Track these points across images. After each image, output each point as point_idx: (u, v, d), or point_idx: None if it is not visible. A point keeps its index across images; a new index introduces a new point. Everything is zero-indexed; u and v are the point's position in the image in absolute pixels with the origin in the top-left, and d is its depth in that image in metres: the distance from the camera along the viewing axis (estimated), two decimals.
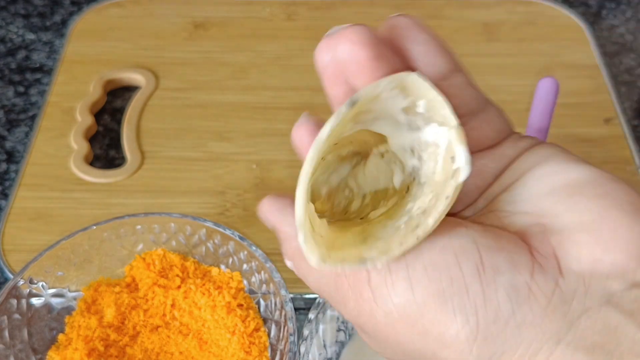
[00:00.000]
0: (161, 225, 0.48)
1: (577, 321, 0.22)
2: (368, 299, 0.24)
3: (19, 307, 0.45)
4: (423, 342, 0.24)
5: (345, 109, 0.23)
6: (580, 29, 0.72)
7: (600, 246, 0.23)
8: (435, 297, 0.23)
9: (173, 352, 0.45)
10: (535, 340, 0.22)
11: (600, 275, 0.23)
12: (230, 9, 0.74)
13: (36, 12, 0.75)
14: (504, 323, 0.22)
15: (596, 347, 0.22)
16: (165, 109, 0.64)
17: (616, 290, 0.23)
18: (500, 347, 0.23)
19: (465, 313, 0.22)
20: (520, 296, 0.22)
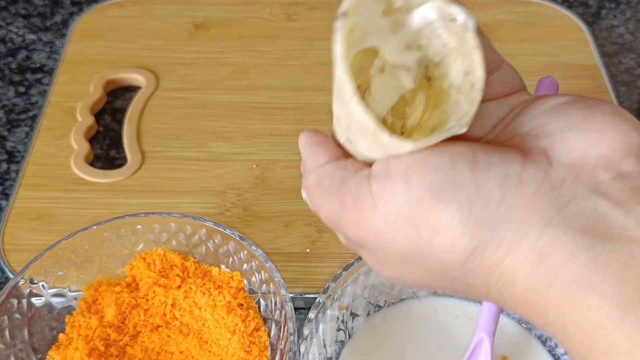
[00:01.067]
0: (161, 225, 0.48)
1: (566, 206, 0.24)
2: (369, 207, 0.26)
3: (20, 307, 0.45)
4: (418, 236, 0.25)
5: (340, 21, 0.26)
6: (580, 29, 0.72)
7: (587, 140, 0.25)
8: (430, 191, 0.25)
9: (173, 352, 0.45)
10: (526, 223, 0.24)
11: (588, 166, 0.25)
12: (230, 9, 0.74)
13: (37, 12, 0.75)
14: (495, 207, 0.24)
15: (586, 230, 0.23)
16: (165, 109, 0.64)
17: (604, 179, 0.24)
18: (491, 230, 0.24)
19: (458, 200, 0.24)
20: (511, 183, 0.24)
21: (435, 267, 0.26)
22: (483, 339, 0.44)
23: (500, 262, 0.24)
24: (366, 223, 0.26)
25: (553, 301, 0.23)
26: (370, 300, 0.48)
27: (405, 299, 0.49)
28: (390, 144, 0.25)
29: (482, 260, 0.24)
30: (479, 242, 0.24)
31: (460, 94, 0.27)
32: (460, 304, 0.49)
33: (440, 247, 0.25)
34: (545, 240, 0.23)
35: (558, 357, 0.46)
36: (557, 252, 0.23)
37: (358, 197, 0.27)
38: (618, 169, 0.24)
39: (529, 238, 0.23)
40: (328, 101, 0.29)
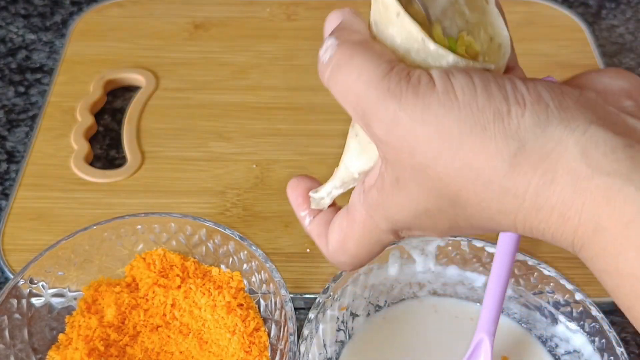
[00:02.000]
0: (161, 225, 0.48)
1: (603, 116, 0.26)
2: (427, 84, 0.26)
3: (20, 307, 0.45)
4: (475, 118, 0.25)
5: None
6: (580, 29, 0.72)
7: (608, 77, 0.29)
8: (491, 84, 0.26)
9: (173, 352, 0.45)
10: (572, 119, 0.25)
11: (613, 94, 0.28)
12: (230, 9, 0.74)
13: (36, 12, 0.75)
14: (545, 105, 0.26)
15: (624, 133, 0.25)
16: (165, 109, 0.64)
17: (628, 105, 0.27)
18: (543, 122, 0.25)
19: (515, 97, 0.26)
20: (556, 91, 0.26)
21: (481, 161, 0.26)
22: (483, 339, 0.44)
23: (547, 156, 0.25)
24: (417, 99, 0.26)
25: (591, 196, 0.24)
26: (370, 300, 0.48)
27: (405, 299, 0.49)
28: (436, 51, 0.26)
29: (530, 154, 0.25)
30: (531, 133, 0.25)
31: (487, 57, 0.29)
32: (461, 304, 0.49)
33: (495, 135, 0.25)
34: (589, 136, 0.25)
35: (558, 357, 0.46)
36: (599, 146, 0.25)
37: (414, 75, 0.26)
38: (638, 100, 0.28)
39: (575, 133, 0.25)
40: (328, 101, 0.29)
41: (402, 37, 0.27)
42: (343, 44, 0.27)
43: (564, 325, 0.46)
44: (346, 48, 0.27)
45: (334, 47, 0.28)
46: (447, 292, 0.50)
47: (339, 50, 0.27)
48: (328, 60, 0.28)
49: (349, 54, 0.27)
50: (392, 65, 0.26)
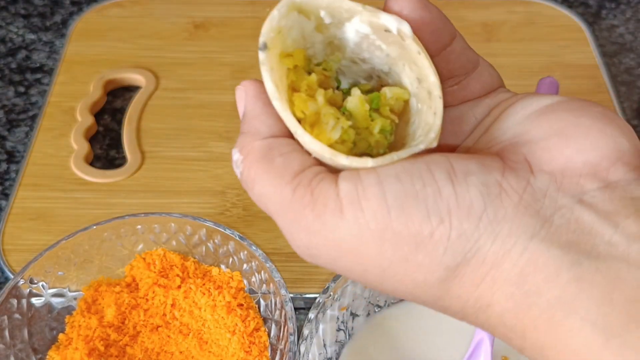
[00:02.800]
0: (161, 225, 0.48)
1: (550, 218, 0.22)
2: (333, 211, 0.23)
3: (19, 307, 0.45)
4: (394, 251, 0.22)
5: (262, 55, 0.25)
6: (580, 29, 0.72)
7: (571, 147, 0.23)
8: (408, 199, 0.22)
9: (173, 352, 0.45)
10: (509, 236, 0.22)
11: (573, 174, 0.23)
12: (230, 9, 0.74)
13: (36, 12, 0.75)
14: (477, 219, 0.22)
15: (571, 245, 0.21)
16: (165, 109, 0.64)
17: (589, 189, 0.22)
18: (474, 244, 0.22)
19: (439, 213, 0.22)
20: (492, 193, 0.22)
21: (409, 287, 0.23)
22: (483, 339, 0.44)
23: (481, 281, 0.22)
24: (326, 230, 0.23)
25: (532, 324, 0.22)
26: (370, 300, 0.48)
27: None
28: (350, 164, 0.24)
29: (462, 279, 0.22)
30: (461, 258, 0.22)
31: (420, 103, 0.26)
32: None
33: (420, 265, 0.22)
34: (529, 257, 0.22)
35: None
36: (540, 269, 0.21)
37: (320, 196, 0.23)
38: (605, 178, 0.23)
39: (511, 254, 0.22)
40: None
41: (310, 149, 0.24)
42: (246, 161, 0.25)
43: None
44: (250, 168, 0.25)
45: (239, 164, 0.26)
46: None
47: (244, 171, 0.26)
48: (239, 175, 0.26)
49: (253, 176, 0.25)
50: (293, 185, 0.24)
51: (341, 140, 0.25)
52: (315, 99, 0.25)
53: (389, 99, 0.26)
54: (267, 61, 0.25)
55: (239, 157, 0.26)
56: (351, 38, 0.26)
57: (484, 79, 0.28)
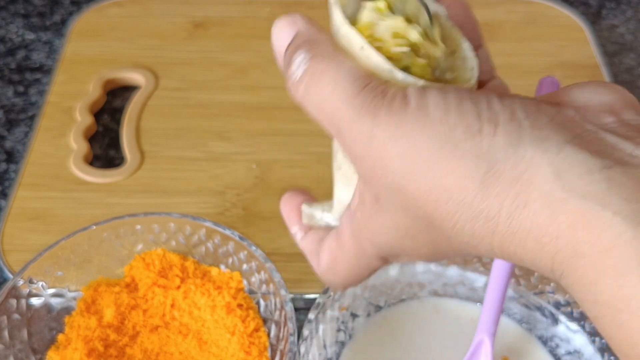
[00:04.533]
0: (161, 225, 0.48)
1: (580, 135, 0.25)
2: (400, 99, 0.25)
3: (19, 307, 0.45)
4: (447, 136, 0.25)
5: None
6: (581, 29, 0.72)
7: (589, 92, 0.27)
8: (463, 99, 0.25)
9: (173, 352, 0.45)
10: (546, 139, 0.24)
11: (594, 110, 0.26)
12: (230, 8, 0.74)
13: (36, 11, 0.75)
14: (519, 124, 0.25)
15: (601, 153, 0.24)
16: (165, 109, 0.64)
17: (608, 121, 0.26)
18: (515, 142, 0.24)
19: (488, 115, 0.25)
20: (531, 108, 0.25)
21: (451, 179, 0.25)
22: (483, 340, 0.44)
23: (520, 177, 0.24)
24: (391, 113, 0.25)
25: (567, 220, 0.23)
26: (370, 300, 0.48)
27: (405, 299, 0.49)
28: (404, 80, 0.26)
29: (502, 175, 0.24)
30: (502, 154, 0.24)
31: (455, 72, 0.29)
32: (461, 305, 0.49)
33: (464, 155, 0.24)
34: (564, 157, 0.24)
35: (559, 357, 0.46)
36: (574, 167, 0.24)
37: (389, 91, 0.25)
38: (620, 116, 0.26)
39: (548, 154, 0.24)
40: None
41: (369, 67, 0.26)
42: (315, 58, 0.27)
43: (565, 325, 0.46)
44: (319, 62, 0.26)
45: (307, 61, 0.27)
46: (447, 292, 0.49)
47: (312, 64, 0.27)
48: (301, 76, 0.27)
49: (322, 68, 0.26)
50: (367, 81, 0.26)
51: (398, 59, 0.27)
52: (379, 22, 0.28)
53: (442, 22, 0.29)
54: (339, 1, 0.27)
55: (306, 55, 0.27)
56: None
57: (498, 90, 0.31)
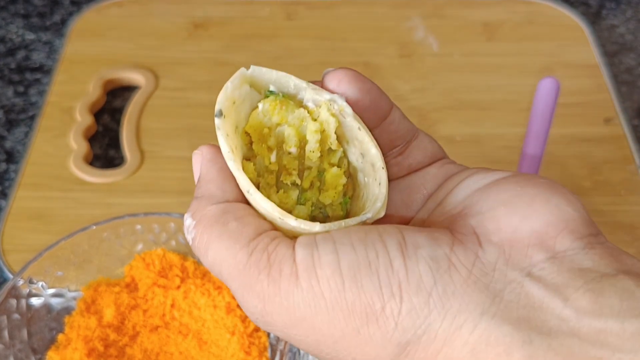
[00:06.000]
0: (161, 225, 0.48)
1: (500, 293, 0.22)
2: (288, 276, 0.23)
3: (19, 307, 0.45)
4: (346, 322, 0.22)
5: (218, 120, 0.25)
6: (580, 29, 0.72)
7: (517, 216, 0.23)
8: (362, 269, 0.22)
9: (173, 352, 0.45)
10: (459, 312, 0.22)
11: (521, 245, 0.23)
12: (230, 8, 0.74)
13: (36, 12, 0.75)
14: (427, 294, 0.22)
15: (522, 321, 0.21)
16: (165, 109, 0.64)
17: (537, 260, 0.22)
18: (424, 320, 0.22)
19: (390, 286, 0.22)
20: (441, 267, 0.22)
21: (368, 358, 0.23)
22: None
23: (435, 357, 0.22)
24: (281, 296, 0.23)
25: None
26: None
27: None
28: (298, 226, 0.24)
29: (414, 357, 0.22)
30: (411, 335, 0.22)
31: (366, 177, 0.27)
32: None
33: (371, 338, 0.22)
34: (479, 334, 0.21)
35: None
36: (492, 347, 0.21)
37: (276, 261, 0.23)
38: (552, 248, 0.23)
39: (462, 331, 0.21)
40: None
41: (262, 209, 0.25)
42: (199, 226, 0.25)
43: None
44: (203, 232, 0.25)
45: (191, 230, 0.25)
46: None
47: (197, 235, 0.25)
48: (191, 242, 0.25)
49: (206, 241, 0.24)
50: (249, 250, 0.23)
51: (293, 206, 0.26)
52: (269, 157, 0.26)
53: None
54: (222, 127, 0.25)
55: (191, 222, 0.25)
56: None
57: (425, 146, 0.29)
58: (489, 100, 0.65)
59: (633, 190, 0.58)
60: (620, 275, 0.21)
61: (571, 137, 0.61)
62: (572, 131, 0.62)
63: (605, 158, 0.60)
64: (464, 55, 0.69)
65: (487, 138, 0.61)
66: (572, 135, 0.62)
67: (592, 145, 0.61)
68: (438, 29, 0.71)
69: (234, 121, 0.26)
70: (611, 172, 0.59)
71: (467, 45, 0.69)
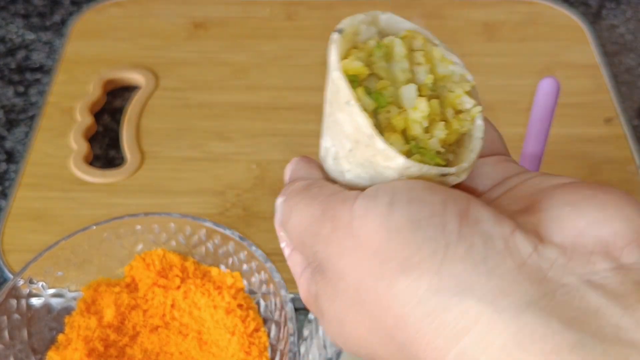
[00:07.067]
0: (161, 225, 0.48)
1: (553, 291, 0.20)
2: (344, 223, 0.23)
3: (19, 307, 0.45)
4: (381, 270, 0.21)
5: (335, 35, 0.26)
6: (580, 29, 0.72)
7: (584, 219, 0.21)
8: (410, 222, 0.21)
9: (173, 353, 0.45)
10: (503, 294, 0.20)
11: (584, 250, 0.21)
12: (230, 8, 0.74)
13: (36, 12, 0.75)
14: (473, 266, 0.20)
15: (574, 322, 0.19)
16: (165, 109, 0.64)
17: (600, 269, 0.21)
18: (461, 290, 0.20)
19: (435, 244, 0.21)
20: (496, 247, 0.21)
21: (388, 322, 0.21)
22: None
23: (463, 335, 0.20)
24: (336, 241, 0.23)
25: None
26: None
27: None
28: (384, 150, 0.24)
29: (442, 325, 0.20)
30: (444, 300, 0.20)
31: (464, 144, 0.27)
32: None
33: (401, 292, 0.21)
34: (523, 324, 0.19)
35: None
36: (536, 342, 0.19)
37: (339, 212, 0.23)
38: (618, 259, 0.21)
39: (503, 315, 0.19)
40: None
41: (352, 126, 0.25)
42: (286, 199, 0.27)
43: None
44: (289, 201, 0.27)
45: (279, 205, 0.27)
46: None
47: (285, 206, 0.27)
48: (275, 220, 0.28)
49: (290, 206, 0.26)
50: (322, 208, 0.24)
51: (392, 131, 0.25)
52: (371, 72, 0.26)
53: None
54: (338, 42, 0.26)
55: (281, 200, 0.27)
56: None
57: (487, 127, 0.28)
58: (489, 100, 0.64)
59: (633, 190, 0.58)
60: None
61: (571, 137, 0.61)
62: (572, 131, 0.62)
63: (605, 158, 0.60)
64: (464, 55, 0.68)
65: None
66: (572, 135, 0.62)
67: (592, 145, 0.61)
68: (438, 29, 0.71)
69: (349, 45, 0.26)
70: (611, 172, 0.59)
71: (466, 46, 0.69)
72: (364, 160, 0.25)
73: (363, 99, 0.25)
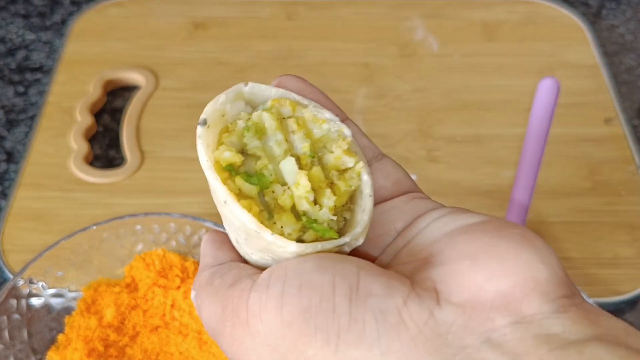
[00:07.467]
0: (161, 225, 0.48)
1: (452, 358, 0.19)
2: (242, 322, 0.22)
3: (19, 307, 0.45)
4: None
5: (200, 129, 0.25)
6: (580, 29, 0.72)
7: (482, 273, 0.21)
8: (300, 315, 0.21)
9: (173, 352, 0.45)
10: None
11: (483, 307, 0.20)
12: (230, 8, 0.74)
13: (36, 12, 0.75)
14: (367, 349, 0.20)
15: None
16: (165, 109, 0.64)
17: (500, 325, 0.20)
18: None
19: (326, 332, 0.20)
20: (388, 321, 0.20)
21: None
22: None
23: None
24: (237, 340, 0.22)
25: None
26: None
27: None
28: (274, 242, 0.23)
29: None
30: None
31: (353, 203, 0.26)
32: None
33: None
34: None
35: None
36: None
37: (237, 307, 0.23)
38: (518, 311, 0.20)
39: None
40: None
41: (238, 221, 0.24)
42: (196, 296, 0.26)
43: None
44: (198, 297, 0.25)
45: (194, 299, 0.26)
46: None
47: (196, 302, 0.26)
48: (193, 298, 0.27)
49: (199, 303, 0.25)
50: (222, 304, 0.23)
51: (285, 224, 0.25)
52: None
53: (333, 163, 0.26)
54: (204, 136, 0.25)
55: (194, 294, 0.26)
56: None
57: (388, 170, 0.27)
58: (489, 101, 0.65)
59: (633, 190, 0.58)
60: (592, 342, 0.19)
61: (571, 137, 0.61)
62: (572, 131, 0.62)
63: (605, 158, 0.60)
64: (464, 55, 0.69)
65: (487, 138, 0.61)
66: (572, 135, 0.62)
67: (592, 145, 0.61)
68: (438, 29, 0.71)
69: (218, 130, 0.26)
70: (611, 172, 0.59)
71: (467, 46, 0.69)
72: (262, 248, 0.24)
73: (244, 187, 0.25)
